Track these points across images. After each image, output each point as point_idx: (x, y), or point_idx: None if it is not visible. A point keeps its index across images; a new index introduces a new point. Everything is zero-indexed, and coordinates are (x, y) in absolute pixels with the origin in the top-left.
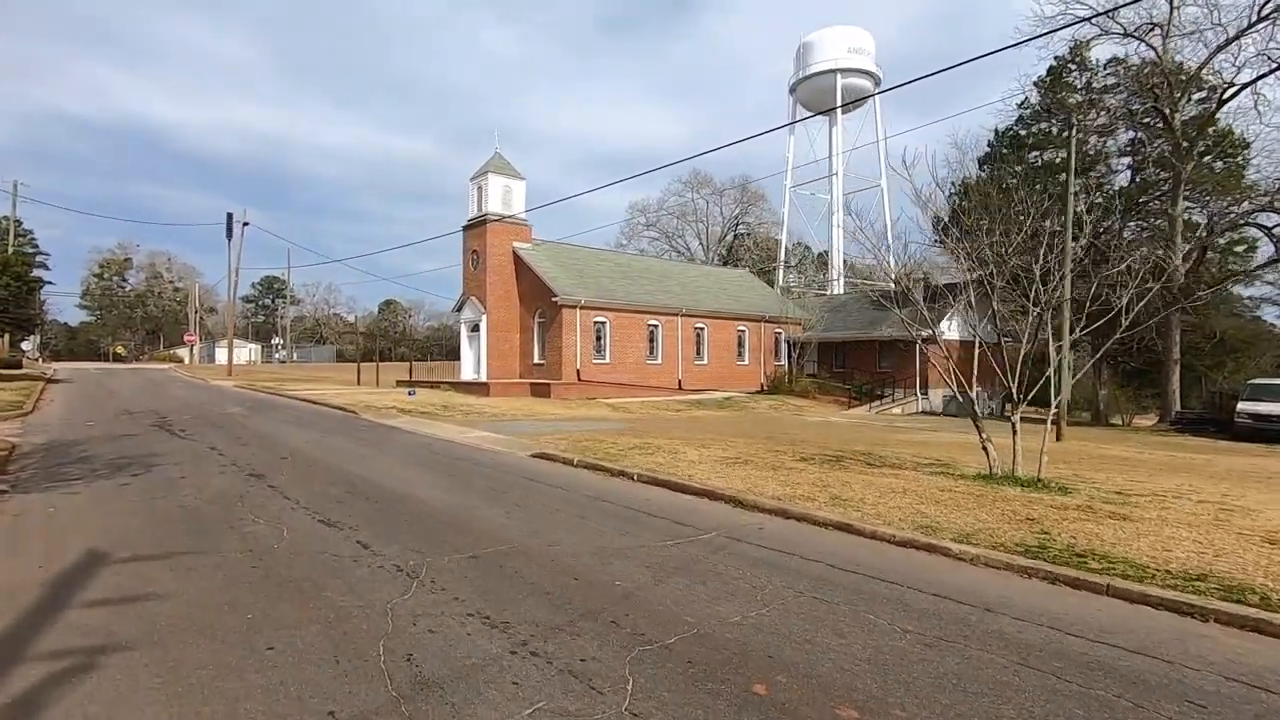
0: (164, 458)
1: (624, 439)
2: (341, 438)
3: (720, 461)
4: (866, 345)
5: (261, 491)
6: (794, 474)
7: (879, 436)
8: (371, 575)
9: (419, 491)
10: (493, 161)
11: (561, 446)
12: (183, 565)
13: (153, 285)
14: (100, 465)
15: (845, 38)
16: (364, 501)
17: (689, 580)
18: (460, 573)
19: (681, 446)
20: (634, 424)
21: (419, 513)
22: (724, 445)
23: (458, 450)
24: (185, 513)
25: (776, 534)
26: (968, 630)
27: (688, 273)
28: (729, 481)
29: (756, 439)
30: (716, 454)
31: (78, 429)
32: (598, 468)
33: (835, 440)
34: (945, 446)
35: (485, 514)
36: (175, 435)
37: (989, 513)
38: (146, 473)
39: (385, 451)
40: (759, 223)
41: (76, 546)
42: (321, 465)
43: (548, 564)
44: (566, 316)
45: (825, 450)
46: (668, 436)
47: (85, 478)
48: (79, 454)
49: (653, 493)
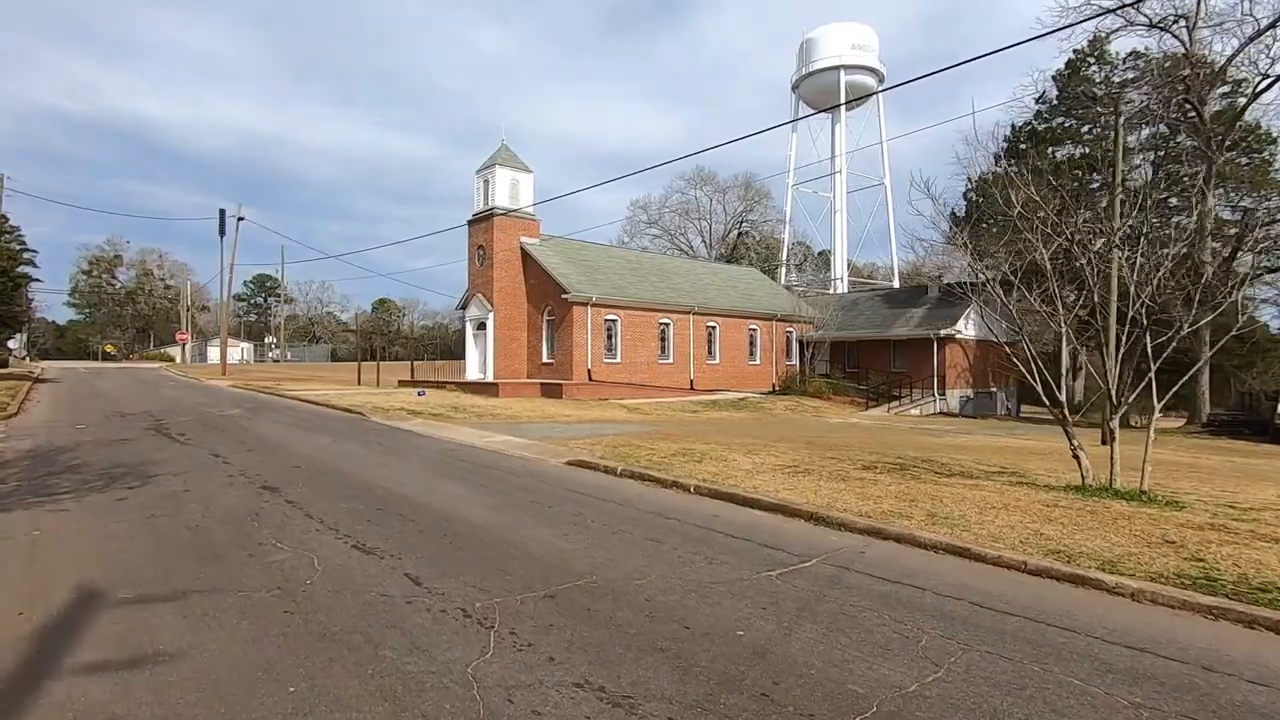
0: (163, 466)
1: (659, 444)
2: (354, 443)
3: (778, 470)
4: (880, 345)
5: (279, 508)
6: (867, 485)
7: (919, 440)
8: (434, 623)
9: (458, 508)
10: (499, 153)
11: (597, 453)
12: (198, 609)
13: (143, 283)
14: (92, 476)
15: (848, 34)
16: (398, 520)
17: (823, 628)
18: (542, 618)
19: (726, 453)
20: (658, 427)
21: (465, 534)
22: (771, 451)
23: (483, 457)
24: (194, 536)
25: (885, 560)
26: (1212, 705)
27: (697, 270)
28: (801, 495)
29: (797, 443)
30: (770, 461)
31: (66, 433)
32: (646, 478)
33: (879, 444)
34: (998, 451)
35: (541, 536)
36: (173, 440)
37: (1118, 534)
38: (145, 485)
39: (405, 459)
40: (763, 220)
41: (66, 582)
42: (340, 475)
43: (643, 605)
44: (577, 314)
45: (881, 456)
46: (704, 441)
47: (76, 491)
48: (68, 462)
49: (717, 507)
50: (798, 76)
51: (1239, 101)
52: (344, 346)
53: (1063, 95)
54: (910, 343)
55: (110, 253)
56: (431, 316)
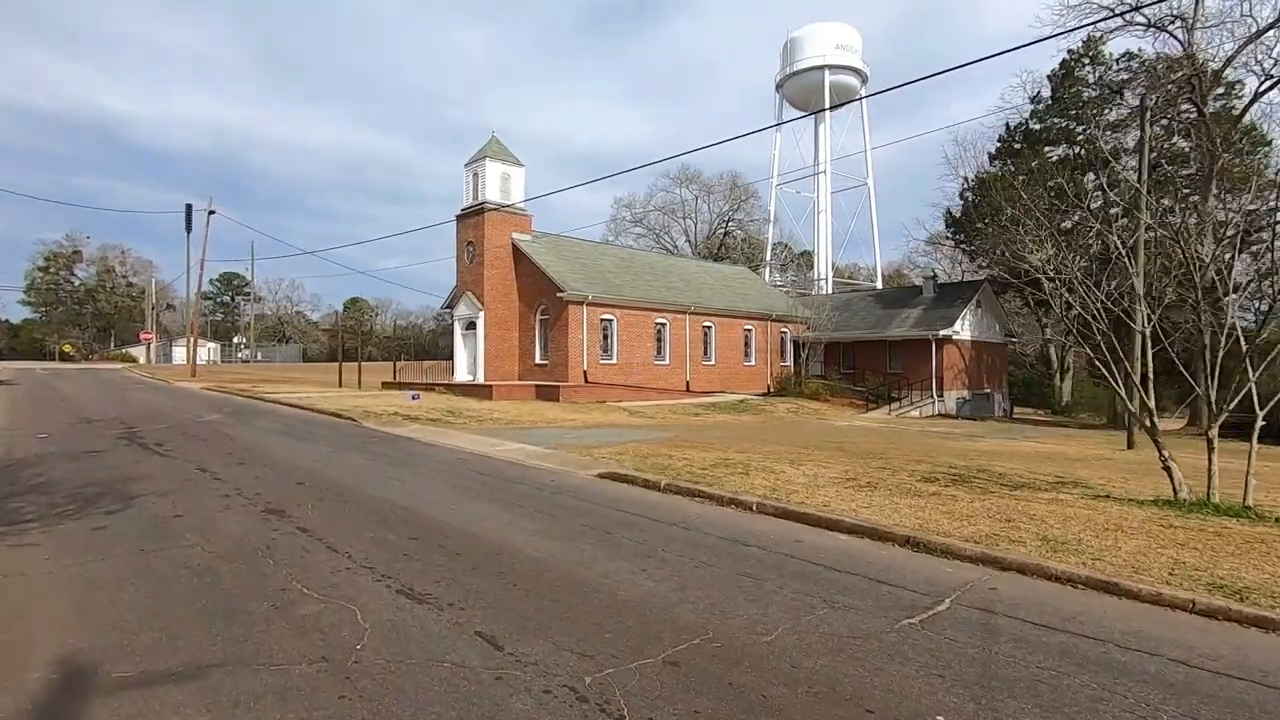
0: (145, 484)
1: (690, 453)
2: (355, 454)
3: (838, 484)
4: (876, 345)
5: (293, 538)
6: (946, 501)
7: (944, 445)
8: (544, 710)
9: (503, 535)
10: (490, 146)
11: (626, 463)
12: (223, 695)
13: (104, 280)
14: (62, 498)
15: (833, 34)
16: (440, 553)
17: (1032, 705)
18: (679, 699)
19: (770, 463)
20: (670, 432)
21: (526, 572)
22: (815, 460)
23: (502, 469)
24: (198, 579)
25: (1025, 599)
26: None
27: (691, 269)
28: (884, 514)
29: (828, 449)
30: (821, 473)
31: (27, 444)
32: (698, 494)
33: (913, 451)
34: (1039, 458)
35: (617, 573)
36: (151, 451)
37: (1267, 561)
38: (126, 508)
39: (418, 472)
40: (749, 219)
41: (41, 652)
42: (352, 494)
43: (789, 674)
44: (573, 313)
45: (932, 465)
46: (733, 449)
47: (43, 517)
48: (31, 479)
49: (792, 529)
50: (782, 76)
51: (1234, 103)
52: (314, 346)
53: (1056, 95)
54: (907, 343)
55: (69, 248)
56: (405, 316)
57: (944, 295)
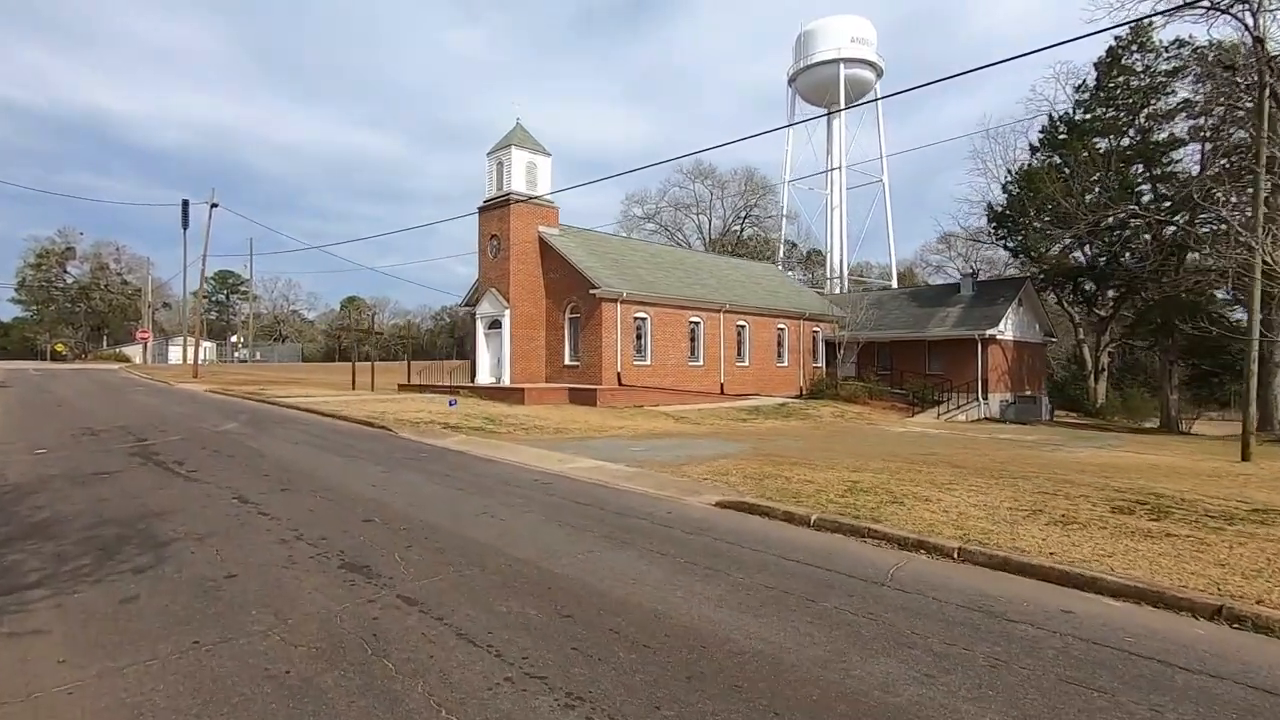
0: (175, 522)
1: (798, 471)
2: (413, 474)
3: (1026, 517)
4: (913, 346)
5: (402, 618)
6: (1192, 545)
7: (1038, 456)
8: None
9: (679, 605)
10: (514, 134)
11: (739, 487)
12: None
13: (98, 277)
14: (73, 544)
15: (847, 27)
16: (621, 645)
17: None
18: None
19: (902, 484)
20: (741, 441)
21: (773, 687)
22: (963, 486)
23: (599, 495)
24: (294, 702)
25: None
26: None
27: (721, 266)
28: (1143, 568)
29: (936, 465)
30: (986, 501)
31: (24, 463)
32: (861, 531)
33: (1019, 463)
34: (1171, 474)
35: (891, 681)
36: (172, 473)
37: None
38: (159, 563)
39: (503, 501)
40: (766, 215)
41: None
42: (442, 537)
43: None
44: (607, 311)
45: (1088, 487)
46: (849, 466)
47: (51, 580)
48: (31, 516)
49: (1031, 589)
50: (794, 70)
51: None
52: (310, 346)
53: (1101, 84)
54: (947, 343)
55: (61, 245)
56: (403, 315)
57: (983, 293)
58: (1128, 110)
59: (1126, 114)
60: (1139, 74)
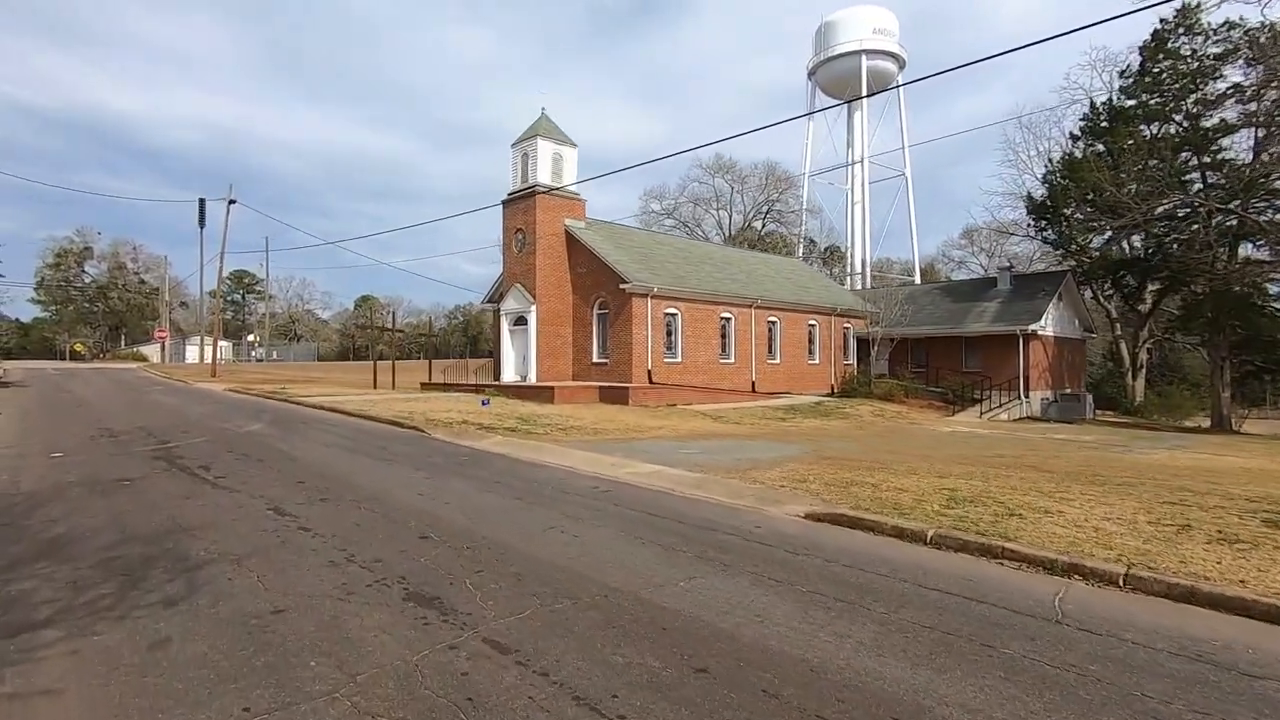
0: (208, 539)
1: (877, 476)
2: (459, 481)
3: (1174, 532)
4: (949, 342)
5: (498, 671)
6: None
7: (1107, 458)
8: None
9: (831, 655)
10: (540, 124)
11: (823, 494)
12: None
13: (116, 277)
14: (91, 566)
15: (869, 17)
16: (784, 712)
17: None
18: None
19: (1010, 495)
20: (794, 442)
21: None
22: (1071, 493)
23: (669, 505)
24: None
25: None
26: None
27: (749, 260)
28: None
29: (1012, 469)
30: (1112, 512)
31: (39, 468)
32: (991, 550)
33: (1101, 466)
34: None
35: None
36: (199, 479)
37: None
38: (193, 593)
39: (568, 513)
40: (789, 209)
41: None
42: (514, 559)
43: None
44: (637, 307)
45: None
46: (934, 472)
47: (65, 614)
48: (45, 531)
49: (1234, 629)
50: (815, 62)
51: None
52: (325, 345)
53: (1145, 69)
54: (985, 339)
55: (79, 244)
56: (416, 314)
57: (1021, 287)
58: (1174, 96)
59: (1173, 99)
60: (1186, 58)
